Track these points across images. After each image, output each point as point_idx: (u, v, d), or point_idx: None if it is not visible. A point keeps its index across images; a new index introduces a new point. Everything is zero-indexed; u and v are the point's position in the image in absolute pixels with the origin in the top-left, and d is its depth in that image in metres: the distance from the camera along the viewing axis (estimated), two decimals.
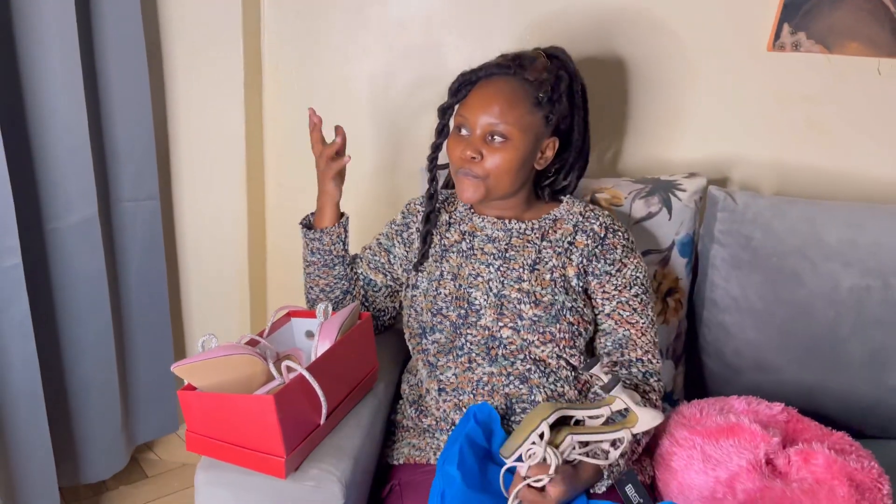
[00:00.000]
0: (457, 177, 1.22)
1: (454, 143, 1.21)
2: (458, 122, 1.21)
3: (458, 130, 1.22)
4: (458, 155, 1.20)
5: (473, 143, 1.18)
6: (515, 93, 1.18)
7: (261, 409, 0.96)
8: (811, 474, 1.10)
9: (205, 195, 1.70)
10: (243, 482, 1.02)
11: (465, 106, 1.21)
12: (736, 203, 1.42)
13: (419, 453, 1.19)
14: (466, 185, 1.21)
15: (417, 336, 1.26)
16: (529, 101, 1.19)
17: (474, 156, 1.18)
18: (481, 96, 1.19)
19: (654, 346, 1.23)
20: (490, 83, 1.20)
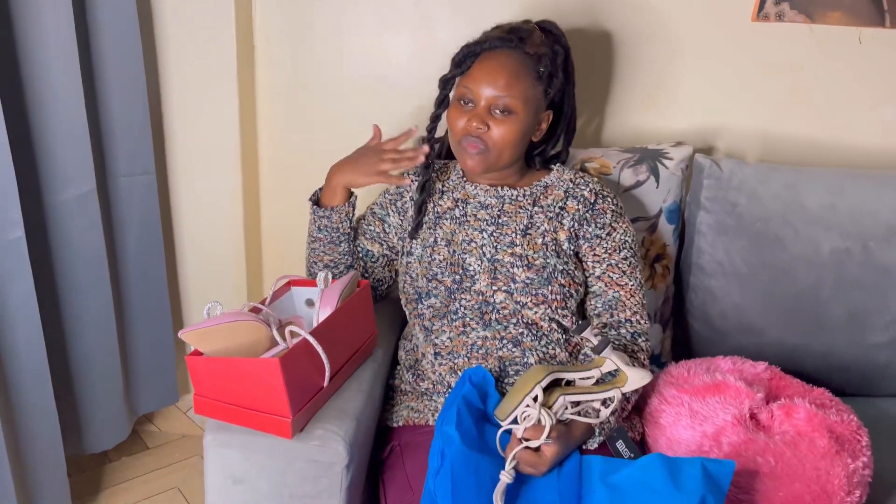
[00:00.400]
0: (459, 147, 1.25)
1: (457, 114, 1.24)
2: (461, 94, 1.24)
3: (461, 102, 1.24)
4: (464, 126, 1.22)
5: (479, 114, 1.21)
6: (519, 66, 1.21)
7: (267, 372, 1.00)
8: (793, 427, 1.15)
9: (200, 171, 1.71)
10: (251, 443, 1.06)
11: (469, 78, 1.23)
12: (721, 170, 1.46)
13: (418, 415, 1.24)
14: (470, 154, 1.23)
15: (413, 301, 1.30)
16: (532, 75, 1.22)
17: (481, 127, 1.21)
18: (487, 69, 1.21)
19: (642, 308, 1.27)
20: (494, 55, 1.22)
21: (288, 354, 1.01)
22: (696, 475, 1.00)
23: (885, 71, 1.56)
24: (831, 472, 1.09)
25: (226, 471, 1.07)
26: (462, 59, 1.24)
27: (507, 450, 1.06)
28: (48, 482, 1.46)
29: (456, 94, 1.25)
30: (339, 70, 1.68)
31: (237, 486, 1.07)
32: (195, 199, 1.74)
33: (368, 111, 1.68)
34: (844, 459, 1.11)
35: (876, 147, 1.61)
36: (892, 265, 1.42)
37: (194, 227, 1.77)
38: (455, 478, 0.98)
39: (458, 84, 1.25)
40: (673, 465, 1.01)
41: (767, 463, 1.11)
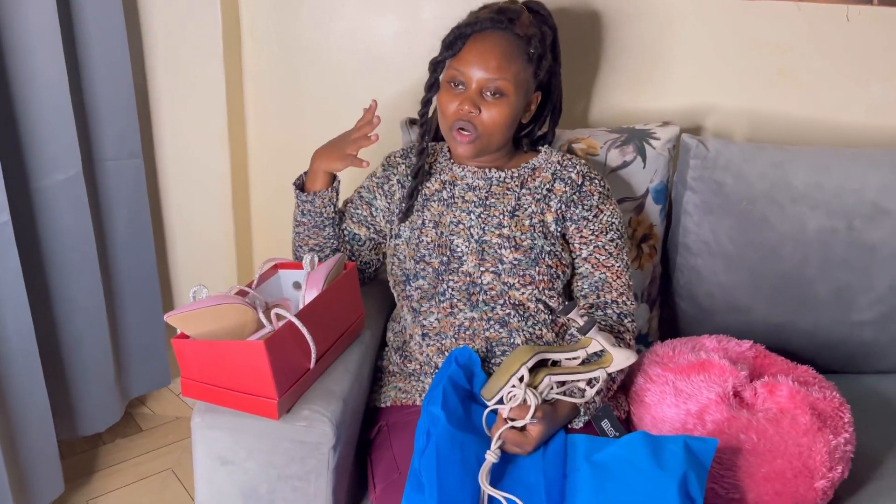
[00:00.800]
0: (451, 132, 1.24)
1: (448, 98, 1.23)
2: (452, 77, 1.23)
3: (451, 84, 1.23)
4: (455, 109, 1.22)
5: (470, 97, 1.20)
6: (510, 48, 1.20)
7: (253, 355, 1.00)
8: (775, 404, 1.17)
9: (188, 154, 1.71)
10: (238, 424, 1.06)
11: (460, 60, 1.21)
12: (708, 150, 1.46)
13: (405, 396, 1.25)
14: (461, 140, 1.23)
15: (401, 283, 1.30)
16: (522, 57, 1.22)
17: (472, 110, 1.20)
18: (478, 51, 1.20)
19: (628, 289, 1.28)
20: (485, 37, 1.21)
21: (273, 337, 1.02)
22: (678, 453, 1.01)
23: (872, 49, 1.56)
24: (813, 448, 1.11)
25: (214, 452, 1.08)
26: (452, 42, 1.23)
27: (492, 429, 1.08)
28: (40, 465, 1.47)
29: (446, 76, 1.24)
30: (326, 51, 1.67)
31: (225, 467, 1.08)
32: (184, 182, 1.74)
33: (356, 92, 1.68)
34: (826, 436, 1.12)
35: (862, 125, 1.61)
36: (878, 243, 1.43)
37: (183, 210, 1.77)
38: (440, 457, 0.99)
39: (449, 66, 1.24)
40: (656, 443, 1.03)
41: (750, 440, 1.12)
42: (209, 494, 1.10)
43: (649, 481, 0.98)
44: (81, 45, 1.47)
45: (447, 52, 1.23)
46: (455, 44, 1.22)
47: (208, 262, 1.81)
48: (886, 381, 1.49)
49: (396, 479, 1.11)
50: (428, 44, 1.29)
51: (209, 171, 1.71)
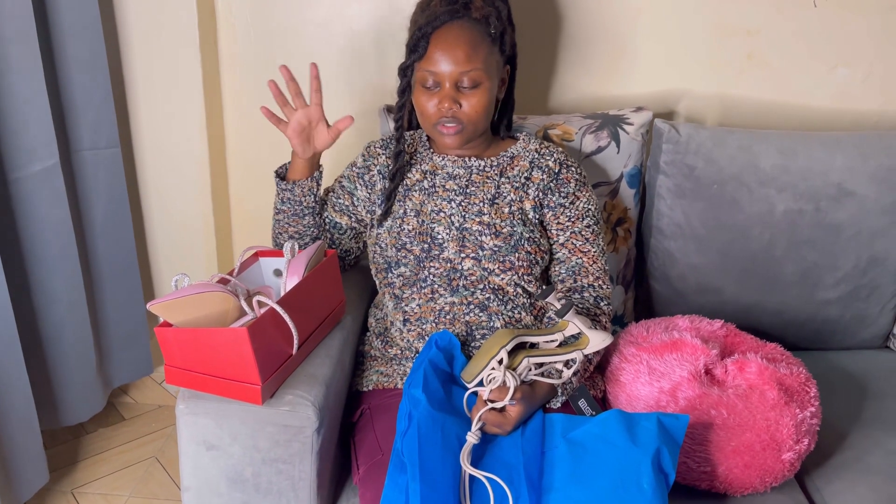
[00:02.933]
0: (435, 130, 1.26)
1: (425, 99, 1.24)
2: (424, 78, 1.23)
3: (425, 86, 1.24)
4: (435, 109, 1.23)
5: (447, 93, 1.22)
6: (473, 35, 1.22)
7: (236, 341, 1.02)
8: (745, 381, 1.20)
9: (165, 143, 1.71)
10: (223, 410, 1.08)
11: (428, 61, 1.22)
12: (679, 135, 1.49)
13: (387, 379, 1.27)
14: (448, 132, 1.25)
15: (383, 271, 1.32)
16: (487, 41, 1.23)
17: (453, 107, 1.22)
18: (443, 47, 1.21)
19: (604, 273, 1.31)
20: (446, 31, 1.22)
21: (256, 324, 1.03)
22: (651, 429, 1.04)
23: (839, 34, 1.60)
24: (780, 422, 1.15)
25: (199, 438, 1.09)
26: (416, 44, 1.23)
27: (473, 411, 1.10)
28: (24, 455, 1.48)
29: (418, 78, 1.25)
30: (303, 37, 1.68)
31: (210, 452, 1.10)
32: (162, 170, 1.75)
33: (334, 79, 1.69)
34: (793, 410, 1.16)
35: (829, 109, 1.65)
36: (843, 224, 1.47)
37: (162, 197, 1.78)
38: (422, 438, 1.02)
39: (418, 69, 1.24)
40: (630, 420, 1.06)
41: (720, 415, 1.16)
42: (195, 479, 1.12)
43: (624, 457, 1.02)
44: (56, 34, 1.46)
45: (413, 55, 1.23)
46: (419, 45, 1.22)
47: (188, 250, 1.81)
48: (851, 356, 1.54)
49: (379, 461, 1.13)
50: (405, 30, 1.30)
51: (187, 158, 1.71)
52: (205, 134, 1.68)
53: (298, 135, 1.28)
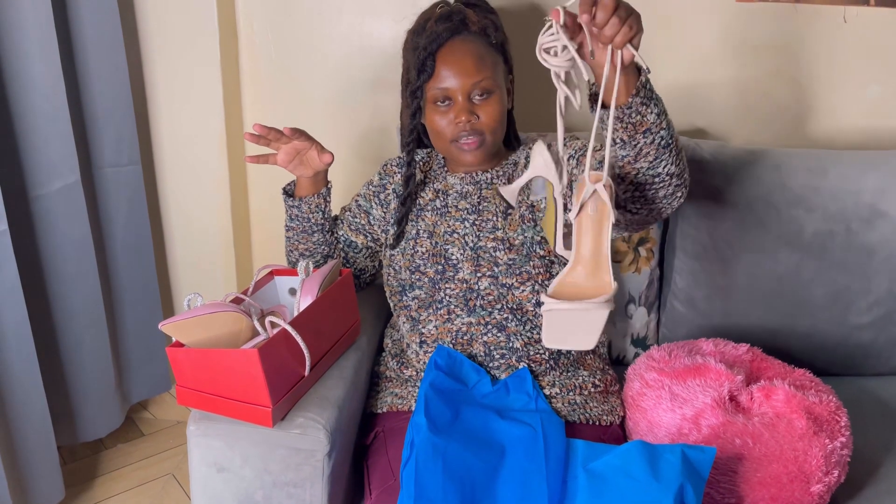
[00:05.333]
0: (453, 148, 1.24)
1: (439, 118, 1.23)
2: (435, 97, 1.22)
3: (437, 105, 1.23)
4: (452, 125, 1.22)
5: (462, 107, 1.20)
6: (477, 47, 1.22)
7: (246, 363, 1.00)
8: (771, 409, 1.16)
9: (186, 159, 1.72)
10: (234, 432, 1.07)
11: (438, 79, 1.21)
12: (704, 153, 1.46)
13: (401, 401, 1.25)
14: (470, 147, 1.23)
15: (398, 294, 1.30)
16: (491, 51, 1.23)
17: (471, 119, 1.21)
18: (451, 62, 1.20)
19: None
20: (451, 48, 1.21)
21: (267, 345, 1.02)
22: (675, 463, 1.00)
23: (869, 50, 1.55)
24: (809, 452, 1.10)
25: (210, 459, 1.08)
26: (423, 65, 1.21)
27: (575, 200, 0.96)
28: (41, 471, 1.48)
29: (429, 98, 1.23)
30: (323, 54, 1.68)
31: (221, 474, 1.08)
32: (182, 187, 1.75)
33: (354, 94, 1.69)
34: (822, 440, 1.11)
35: (860, 127, 1.60)
36: (875, 246, 1.42)
37: (182, 214, 1.78)
38: (420, 468, 1.00)
39: (429, 89, 1.23)
40: (653, 453, 1.01)
41: (745, 445, 1.11)
42: (206, 501, 1.11)
43: (645, 493, 0.97)
44: (79, 51, 1.47)
45: (422, 76, 1.22)
46: (426, 65, 1.21)
47: (207, 267, 1.81)
48: (884, 383, 1.48)
49: (391, 486, 1.11)
50: None
51: (208, 176, 1.71)
52: (225, 150, 1.68)
53: (288, 163, 1.28)
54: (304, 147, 1.27)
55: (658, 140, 1.00)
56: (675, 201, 1.10)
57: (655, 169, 1.03)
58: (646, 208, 1.10)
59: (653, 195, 1.08)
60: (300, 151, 1.28)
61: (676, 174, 1.05)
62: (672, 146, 1.02)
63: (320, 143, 1.28)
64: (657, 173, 1.03)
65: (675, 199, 1.09)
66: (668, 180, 1.05)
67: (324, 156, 1.27)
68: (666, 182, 1.05)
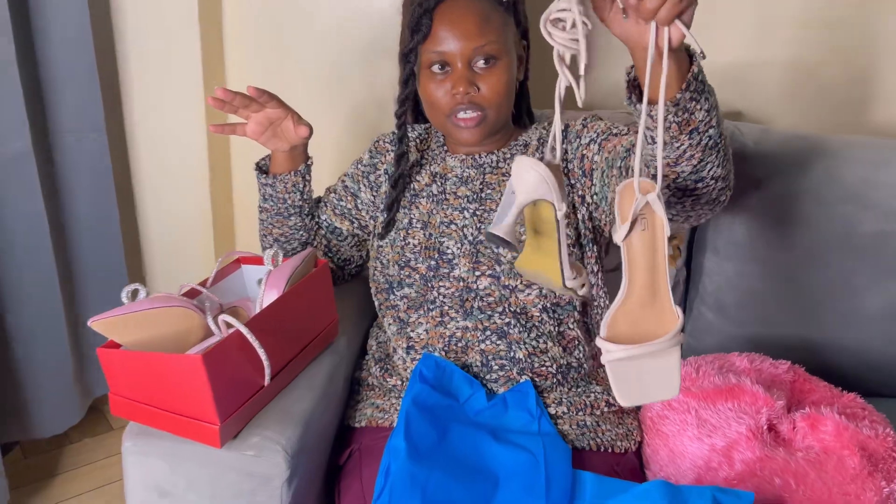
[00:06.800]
0: (450, 122, 1.06)
1: (434, 86, 1.05)
2: (431, 61, 1.04)
3: (433, 71, 1.05)
4: (448, 96, 1.04)
5: (461, 75, 1.02)
6: (481, 5, 1.03)
7: (189, 370, 0.84)
8: (818, 442, 1.00)
9: (161, 129, 1.56)
10: (177, 451, 0.90)
11: (435, 40, 1.03)
12: (744, 137, 1.28)
13: (382, 415, 1.08)
14: (468, 123, 1.05)
15: (384, 291, 1.14)
16: (499, 9, 1.04)
17: (469, 90, 1.02)
18: (451, 21, 1.02)
19: None
20: (451, 4, 1.03)
21: (214, 350, 0.85)
22: None
23: None
24: (862, 497, 0.93)
25: (149, 482, 0.92)
26: (417, 23, 1.03)
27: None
28: None
29: (424, 62, 1.05)
30: (317, 19, 1.50)
31: (163, 499, 0.92)
32: (157, 162, 1.60)
33: (350, 65, 1.51)
34: (878, 482, 0.94)
35: None
36: None
37: (157, 192, 1.63)
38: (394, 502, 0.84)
39: (424, 51, 1.05)
40: (677, 496, 0.84)
41: (787, 485, 0.95)
42: None
43: None
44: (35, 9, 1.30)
45: (416, 36, 1.04)
46: (421, 24, 1.03)
47: (186, 250, 1.65)
48: None
49: None
50: None
51: (184, 148, 1.56)
52: (203, 121, 1.52)
53: (260, 134, 1.11)
54: (277, 116, 1.09)
55: (706, 140, 0.81)
56: (718, 206, 0.91)
57: (699, 173, 0.84)
58: (682, 215, 0.92)
59: (693, 202, 0.90)
60: (273, 121, 1.10)
61: (722, 177, 0.87)
62: (720, 146, 0.84)
63: (297, 113, 1.11)
64: (701, 178, 0.85)
65: (717, 206, 0.91)
66: (713, 184, 0.86)
67: (299, 128, 1.09)
68: (711, 187, 0.87)
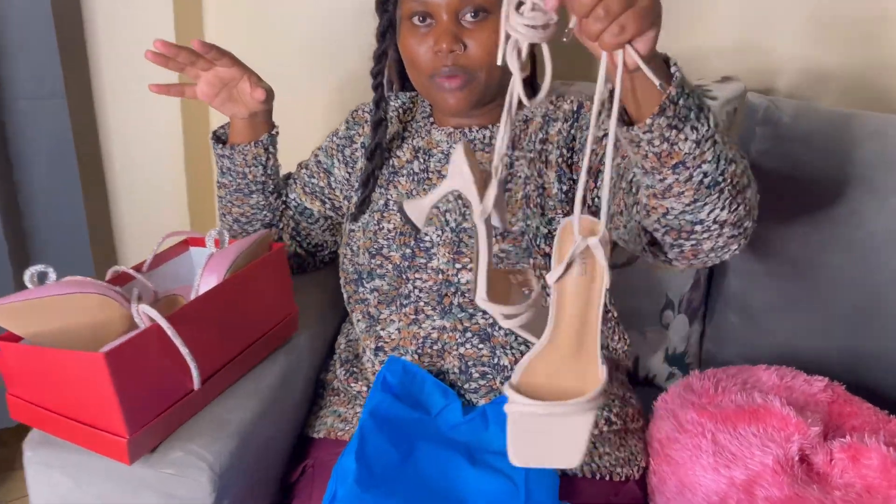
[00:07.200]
0: (433, 84, 0.91)
1: (415, 41, 0.90)
2: (411, 11, 0.90)
3: (414, 23, 0.90)
4: (430, 53, 0.89)
5: (445, 29, 0.88)
6: None
7: (90, 371, 0.69)
8: (860, 479, 0.83)
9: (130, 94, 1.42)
10: (86, 465, 0.76)
11: None
12: (783, 114, 1.10)
13: (343, 426, 0.93)
14: (451, 91, 0.90)
15: (353, 283, 0.99)
16: None
17: (454, 47, 0.87)
18: None
19: None
20: None
21: (123, 347, 0.71)
22: None
23: None
24: None
25: (53, 498, 0.78)
26: None
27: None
28: None
29: (404, 12, 0.91)
30: None
31: None
32: (126, 130, 1.46)
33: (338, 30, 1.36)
34: None
35: None
36: None
37: (127, 163, 1.49)
38: None
39: (403, 1, 0.91)
40: None
41: None
42: None
43: None
44: None
45: None
46: None
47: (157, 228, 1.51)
48: None
49: None
50: None
51: (156, 116, 1.42)
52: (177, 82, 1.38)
53: (213, 97, 0.95)
54: (231, 77, 0.95)
55: (698, 177, 0.69)
56: (727, 254, 0.78)
57: (696, 214, 0.72)
58: (682, 260, 0.80)
59: (694, 247, 0.77)
60: (227, 83, 0.95)
61: (732, 222, 0.73)
62: (724, 185, 0.70)
63: (254, 73, 0.96)
64: (698, 219, 0.72)
65: (725, 253, 0.78)
66: (717, 229, 0.74)
67: (256, 90, 0.94)
68: (713, 232, 0.74)
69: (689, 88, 0.65)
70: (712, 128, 0.67)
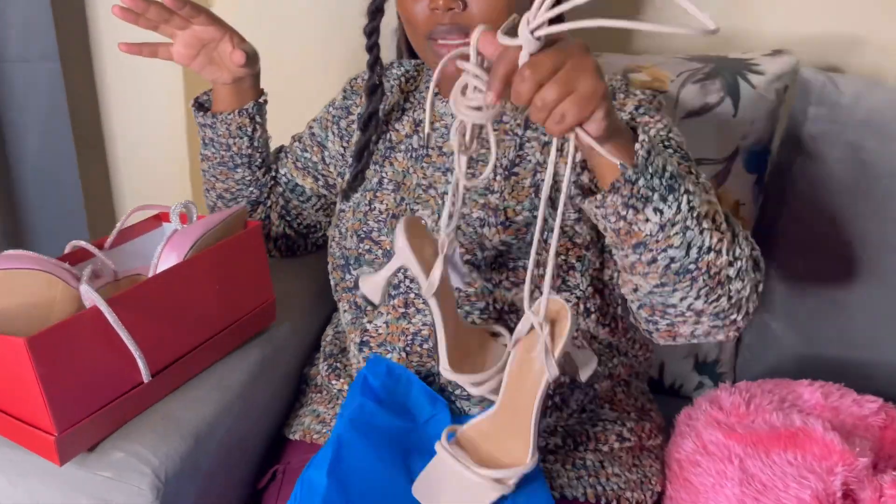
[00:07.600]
0: (427, 47, 0.80)
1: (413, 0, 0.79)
2: None
3: None
4: (426, 11, 0.78)
5: None
6: None
7: (11, 357, 0.61)
8: None
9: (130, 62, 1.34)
10: (18, 462, 0.68)
11: None
12: (841, 93, 0.97)
13: (320, 428, 0.84)
14: (448, 50, 0.78)
15: (340, 269, 0.89)
16: None
17: (452, 4, 0.76)
18: None
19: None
20: None
21: (52, 331, 0.61)
22: None
23: None
24: None
25: None
26: None
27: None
28: None
29: None
30: None
31: None
32: (127, 99, 1.39)
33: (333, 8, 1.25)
34: None
35: None
36: None
37: (127, 133, 1.42)
38: None
39: None
40: None
41: None
42: None
43: None
44: None
45: None
46: None
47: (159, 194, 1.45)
48: None
49: None
50: None
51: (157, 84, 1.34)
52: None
53: (191, 59, 0.86)
54: (210, 37, 0.85)
55: (664, 262, 0.65)
56: (713, 339, 0.73)
57: (666, 298, 0.69)
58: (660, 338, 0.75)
59: (669, 328, 0.72)
60: (206, 43, 0.86)
61: (711, 313, 0.69)
62: (696, 274, 0.65)
63: (237, 33, 0.87)
64: (670, 303, 0.69)
65: (710, 338, 0.73)
66: (693, 317, 0.69)
67: (235, 53, 0.84)
68: (688, 319, 0.70)
69: (655, 169, 0.61)
70: (684, 212, 0.63)
